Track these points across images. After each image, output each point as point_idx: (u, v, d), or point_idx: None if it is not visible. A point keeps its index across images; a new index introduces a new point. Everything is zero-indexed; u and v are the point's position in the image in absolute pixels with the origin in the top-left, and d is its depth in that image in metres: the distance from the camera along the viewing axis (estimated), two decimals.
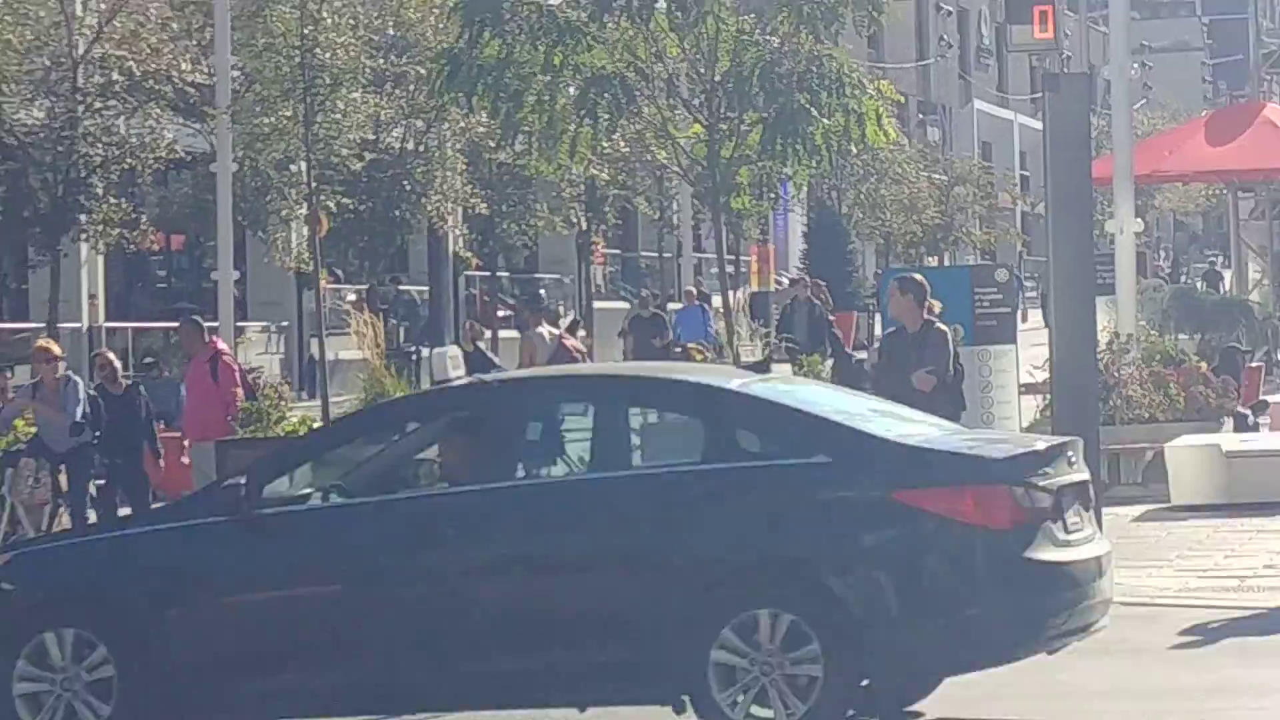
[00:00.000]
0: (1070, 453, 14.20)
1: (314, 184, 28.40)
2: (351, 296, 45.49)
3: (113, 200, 35.83)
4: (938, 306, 20.45)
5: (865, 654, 13.46)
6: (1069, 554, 13.75)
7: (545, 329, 26.52)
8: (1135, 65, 67.39)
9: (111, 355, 27.61)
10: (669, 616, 13.55)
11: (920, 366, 20.11)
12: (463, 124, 42.36)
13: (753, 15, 23.65)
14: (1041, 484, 13.64)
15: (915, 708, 14.71)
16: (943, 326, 20.38)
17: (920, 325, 20.38)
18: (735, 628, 13.50)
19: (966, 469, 13.76)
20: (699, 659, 13.47)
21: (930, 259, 71.94)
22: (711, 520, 13.75)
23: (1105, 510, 21.58)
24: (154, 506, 24.70)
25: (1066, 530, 13.75)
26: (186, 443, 26.79)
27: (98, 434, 24.04)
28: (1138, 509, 24.26)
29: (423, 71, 38.59)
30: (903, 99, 46.57)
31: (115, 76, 35.80)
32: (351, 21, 34.61)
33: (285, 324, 47.70)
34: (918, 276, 21.47)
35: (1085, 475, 14.44)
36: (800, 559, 13.59)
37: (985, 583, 13.48)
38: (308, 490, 14.50)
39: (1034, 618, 13.70)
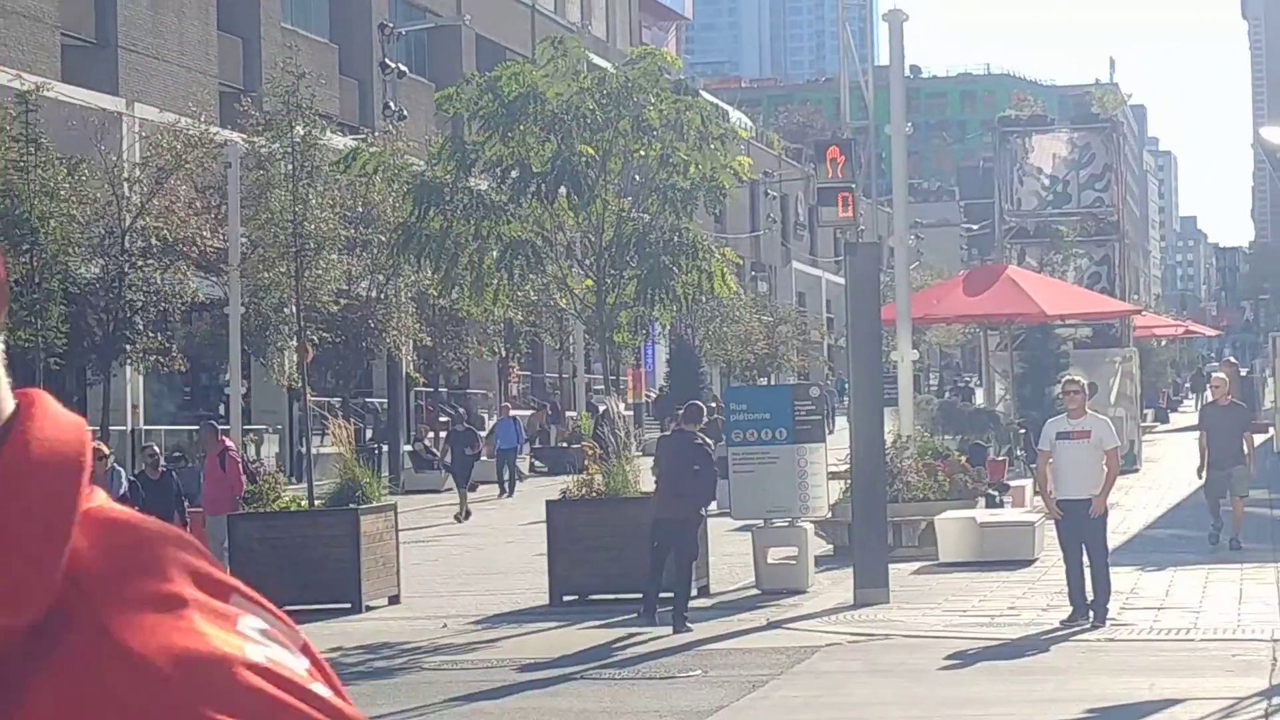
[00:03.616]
0: None
1: (302, 322, 28.20)
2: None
3: (150, 334, 35.63)
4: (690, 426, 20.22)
5: None
6: None
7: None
8: (912, 237, 67.80)
9: (157, 448, 27.46)
10: None
11: None
12: (413, 278, 42.30)
13: (630, 199, 23.68)
14: None
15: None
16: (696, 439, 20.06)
17: None
18: None
19: None
20: None
21: (760, 379, 72.08)
22: None
23: (891, 566, 21.68)
24: None
25: None
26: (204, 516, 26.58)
27: (137, 509, 23.72)
28: (915, 565, 24.24)
29: (383, 239, 38.55)
30: (740, 260, 46.65)
31: (153, 242, 35.66)
32: (330, 201, 34.58)
33: (280, 427, 47.41)
34: (694, 403, 21.77)
35: None
36: None
37: None
38: None
39: None
